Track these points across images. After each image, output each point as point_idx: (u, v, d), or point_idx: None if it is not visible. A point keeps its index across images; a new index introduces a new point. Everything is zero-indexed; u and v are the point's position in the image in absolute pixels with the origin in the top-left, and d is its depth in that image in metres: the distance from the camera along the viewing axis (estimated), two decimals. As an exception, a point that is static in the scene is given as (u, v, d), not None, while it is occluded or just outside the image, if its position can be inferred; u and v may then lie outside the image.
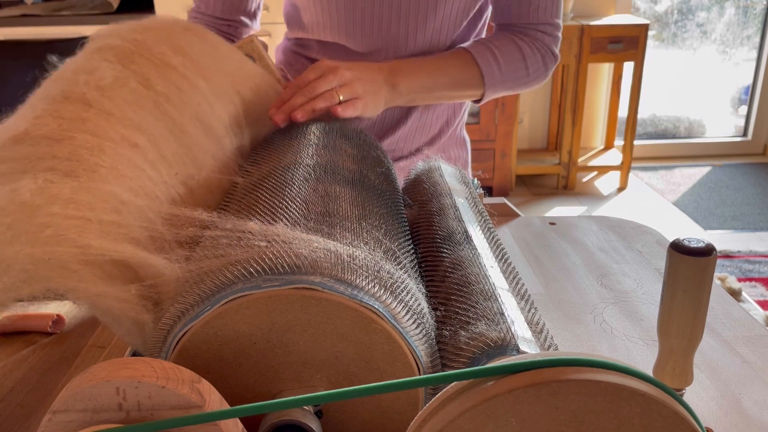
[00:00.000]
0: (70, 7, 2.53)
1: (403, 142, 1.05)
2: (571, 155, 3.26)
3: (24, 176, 0.48)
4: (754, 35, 3.69)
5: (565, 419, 0.34)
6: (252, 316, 0.44)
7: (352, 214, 0.57)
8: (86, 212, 0.48)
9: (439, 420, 0.34)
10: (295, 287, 0.44)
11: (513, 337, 0.43)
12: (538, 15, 0.94)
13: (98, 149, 0.53)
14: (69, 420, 0.38)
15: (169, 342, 0.45)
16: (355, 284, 0.45)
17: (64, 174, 0.49)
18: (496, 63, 0.93)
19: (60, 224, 0.45)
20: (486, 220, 0.67)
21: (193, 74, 0.67)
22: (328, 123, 0.79)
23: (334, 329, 0.45)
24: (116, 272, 0.48)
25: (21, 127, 0.52)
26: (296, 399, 0.36)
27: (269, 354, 0.46)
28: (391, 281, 0.48)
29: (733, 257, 2.68)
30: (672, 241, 0.48)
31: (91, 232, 0.47)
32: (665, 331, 0.49)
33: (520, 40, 0.95)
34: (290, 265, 0.45)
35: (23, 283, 0.43)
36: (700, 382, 0.62)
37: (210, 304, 0.44)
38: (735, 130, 3.84)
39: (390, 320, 0.45)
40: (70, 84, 0.58)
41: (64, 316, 0.72)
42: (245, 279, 0.44)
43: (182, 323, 0.45)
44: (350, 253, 0.48)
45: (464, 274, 0.53)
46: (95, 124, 0.55)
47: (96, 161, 0.52)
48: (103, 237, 0.47)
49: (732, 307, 0.75)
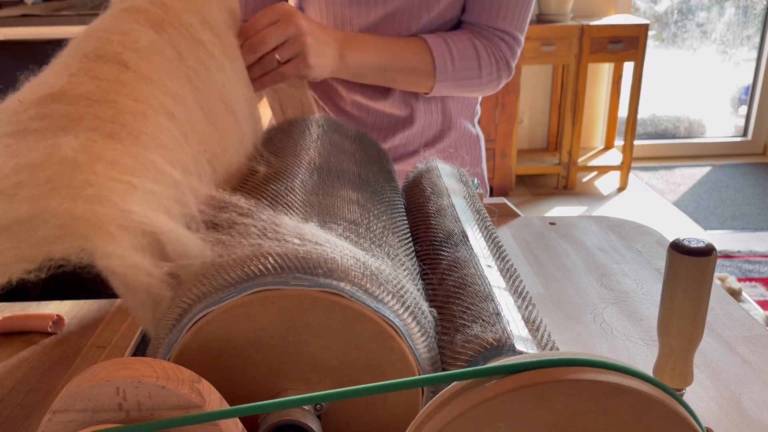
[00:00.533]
0: (70, 7, 2.53)
1: (413, 137, 1.05)
2: (571, 155, 3.26)
3: (64, 133, 0.46)
4: (754, 35, 3.69)
5: (565, 419, 0.34)
6: (275, 311, 0.44)
7: (371, 221, 0.57)
8: (130, 177, 0.46)
9: (438, 420, 0.34)
10: (323, 290, 0.44)
11: (509, 337, 0.43)
12: (503, 23, 0.94)
13: (141, 115, 0.51)
14: (69, 420, 0.38)
15: (185, 322, 0.44)
16: (379, 298, 0.45)
17: (106, 135, 0.48)
18: (450, 57, 0.92)
19: (103, 184, 0.44)
20: (484, 218, 0.67)
21: (220, 53, 0.66)
22: (329, 119, 0.79)
23: (350, 338, 0.45)
24: (146, 244, 0.46)
25: (56, 85, 0.51)
26: (296, 399, 0.36)
27: (281, 351, 0.45)
28: (411, 300, 0.48)
29: (733, 257, 2.68)
30: (672, 241, 0.48)
31: (134, 198, 0.45)
32: (665, 331, 0.49)
33: (478, 41, 0.94)
34: (323, 268, 0.45)
35: (59, 238, 0.42)
36: (700, 382, 0.62)
37: (236, 292, 0.44)
38: (735, 130, 3.85)
39: (407, 339, 0.45)
40: (103, 43, 0.56)
41: (64, 317, 0.72)
42: (275, 273, 0.44)
43: (203, 305, 0.44)
44: (377, 266, 0.48)
45: (461, 275, 0.53)
46: (134, 88, 0.53)
47: (139, 127, 0.51)
48: (144, 205, 0.46)
49: (732, 307, 0.75)
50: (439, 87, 0.95)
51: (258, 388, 0.46)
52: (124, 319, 0.74)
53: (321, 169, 0.64)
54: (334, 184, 0.62)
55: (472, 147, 1.11)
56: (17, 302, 0.77)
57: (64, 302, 0.77)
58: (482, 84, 0.96)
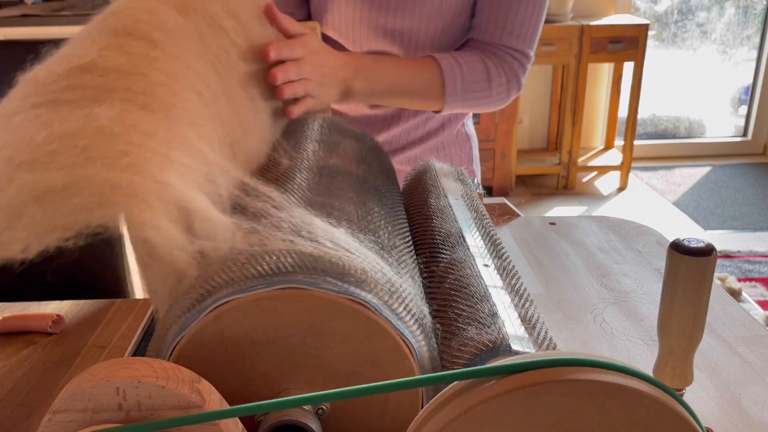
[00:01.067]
0: (70, 7, 2.53)
1: (399, 137, 1.05)
2: (571, 155, 3.26)
3: (97, 104, 0.46)
4: (754, 35, 3.69)
5: (564, 419, 0.34)
6: (302, 310, 0.44)
7: (379, 225, 0.57)
8: (166, 149, 0.46)
9: (438, 420, 0.34)
10: (351, 298, 0.44)
11: (504, 338, 0.43)
12: (515, 41, 0.94)
13: (171, 90, 0.51)
14: (69, 420, 0.38)
15: (208, 304, 0.44)
16: (400, 315, 0.46)
17: (140, 107, 0.48)
18: (461, 79, 0.93)
19: (140, 155, 0.44)
20: (482, 216, 0.67)
21: (243, 41, 0.66)
22: (331, 119, 0.79)
23: (368, 350, 0.45)
24: (179, 218, 0.46)
25: (86, 57, 0.50)
26: (296, 399, 0.36)
27: (296, 350, 0.45)
28: (420, 313, 0.48)
29: (733, 257, 2.68)
30: (672, 241, 0.48)
31: (170, 171, 0.45)
32: (665, 331, 0.49)
33: (489, 60, 0.94)
34: (354, 277, 0.45)
35: (96, 206, 0.41)
36: (700, 382, 0.62)
37: (265, 284, 0.44)
38: (735, 130, 3.84)
39: (418, 359, 0.46)
40: (131, 21, 0.55)
41: (64, 316, 0.72)
42: (308, 273, 0.44)
43: (229, 291, 0.44)
44: (399, 281, 0.48)
45: (457, 277, 0.53)
46: (164, 64, 0.53)
47: (171, 101, 0.50)
48: (179, 179, 0.46)
49: (732, 307, 0.75)
50: (448, 108, 0.95)
51: (264, 383, 0.46)
52: (124, 319, 0.74)
53: (322, 170, 0.64)
54: (336, 184, 0.62)
55: (462, 145, 1.11)
56: (17, 302, 0.77)
57: (64, 302, 0.77)
58: (491, 102, 0.97)
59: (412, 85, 0.91)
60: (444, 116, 1.06)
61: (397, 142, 1.06)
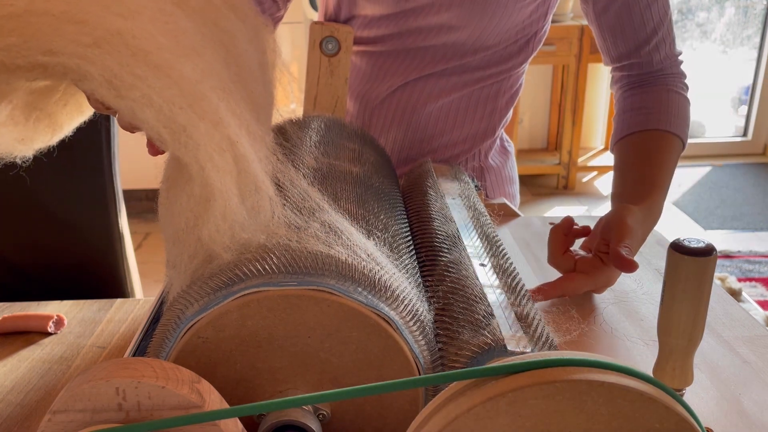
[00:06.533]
0: (70, 7, 2.53)
1: (444, 148, 1.03)
2: (571, 155, 3.26)
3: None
4: (754, 35, 3.69)
5: (563, 418, 0.34)
6: (327, 314, 0.44)
7: (385, 228, 0.57)
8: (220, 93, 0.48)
9: (438, 421, 0.34)
10: (376, 312, 0.44)
11: (500, 339, 0.43)
12: (666, 52, 0.92)
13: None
14: (69, 420, 0.38)
15: (236, 290, 0.44)
16: (416, 336, 0.46)
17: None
18: (685, 124, 0.91)
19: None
20: (481, 214, 0.66)
21: (244, 33, 0.66)
22: (332, 119, 0.79)
23: (381, 366, 0.46)
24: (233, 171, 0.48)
25: None
26: (296, 399, 0.36)
27: (309, 353, 0.46)
28: (428, 327, 0.48)
29: (733, 257, 2.68)
30: (672, 241, 0.48)
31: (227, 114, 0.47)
32: (665, 331, 0.49)
33: (675, 90, 0.92)
34: (383, 293, 0.45)
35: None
36: (700, 382, 0.62)
37: (296, 282, 0.44)
38: (735, 130, 3.84)
39: (423, 369, 0.46)
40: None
41: (63, 317, 0.72)
42: (339, 278, 0.45)
43: (261, 281, 0.44)
44: (416, 301, 0.48)
45: (453, 279, 0.53)
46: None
47: None
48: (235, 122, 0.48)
49: (732, 307, 0.75)
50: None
51: (269, 379, 0.46)
52: (124, 319, 0.74)
53: (323, 170, 0.64)
54: (340, 185, 0.62)
55: (502, 159, 1.09)
56: (17, 302, 0.77)
57: (64, 302, 0.77)
58: None
59: (673, 171, 0.88)
60: (488, 124, 1.04)
61: (451, 149, 1.04)
